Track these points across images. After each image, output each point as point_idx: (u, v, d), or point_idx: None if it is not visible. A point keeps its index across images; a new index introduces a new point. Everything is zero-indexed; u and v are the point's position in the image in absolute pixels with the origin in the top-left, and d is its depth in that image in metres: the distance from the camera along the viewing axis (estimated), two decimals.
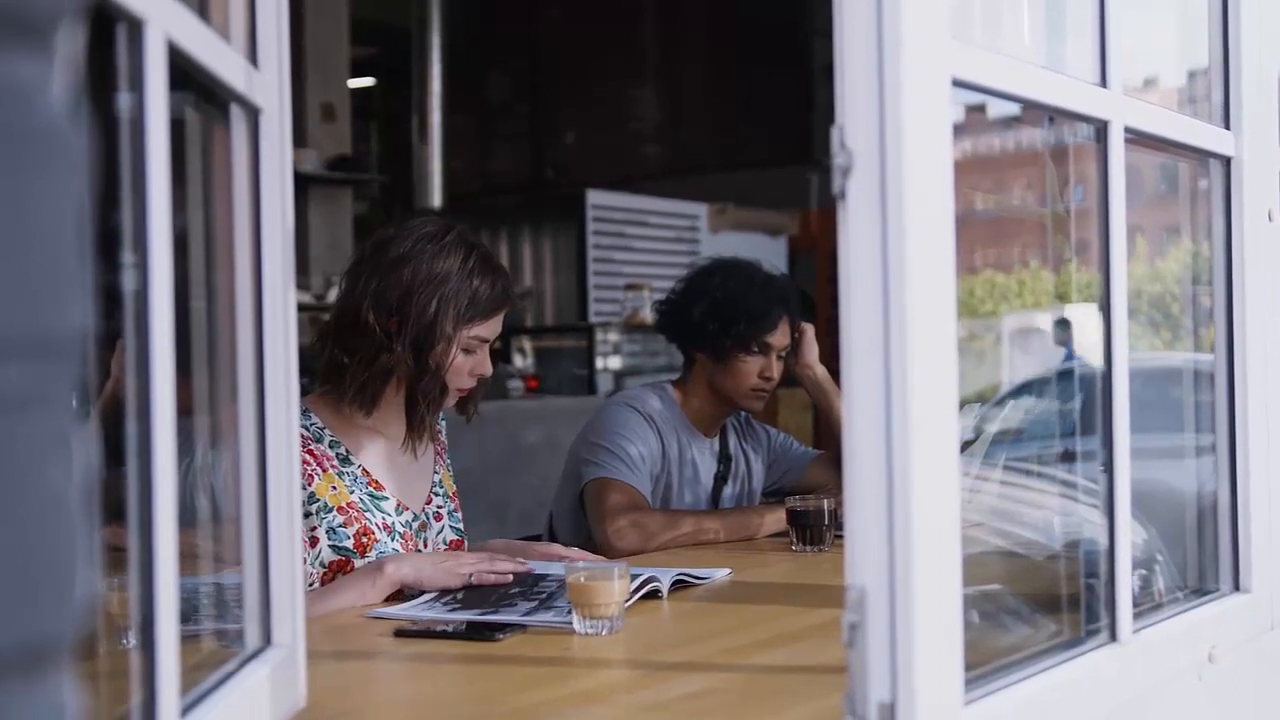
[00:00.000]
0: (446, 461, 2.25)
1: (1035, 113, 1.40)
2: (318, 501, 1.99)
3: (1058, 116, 1.40)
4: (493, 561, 1.93)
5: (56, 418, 0.57)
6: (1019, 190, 1.81)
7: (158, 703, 0.86)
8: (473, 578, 1.88)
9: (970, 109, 1.23)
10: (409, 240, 2.04)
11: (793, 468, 2.85)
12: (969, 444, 1.72)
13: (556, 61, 9.81)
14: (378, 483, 2.08)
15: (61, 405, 0.57)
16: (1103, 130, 1.34)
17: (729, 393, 2.66)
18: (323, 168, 7.10)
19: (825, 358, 2.66)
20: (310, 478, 1.99)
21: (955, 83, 1.07)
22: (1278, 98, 1.69)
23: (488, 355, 2.10)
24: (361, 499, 2.04)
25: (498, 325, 2.09)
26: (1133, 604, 1.35)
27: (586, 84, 9.63)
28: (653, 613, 1.83)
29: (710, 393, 2.69)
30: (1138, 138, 1.40)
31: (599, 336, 6.94)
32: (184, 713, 0.92)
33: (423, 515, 2.14)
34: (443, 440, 2.26)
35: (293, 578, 1.20)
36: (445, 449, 2.26)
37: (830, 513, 2.34)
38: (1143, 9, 1.56)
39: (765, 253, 6.38)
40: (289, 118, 1.21)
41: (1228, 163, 1.62)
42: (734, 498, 2.77)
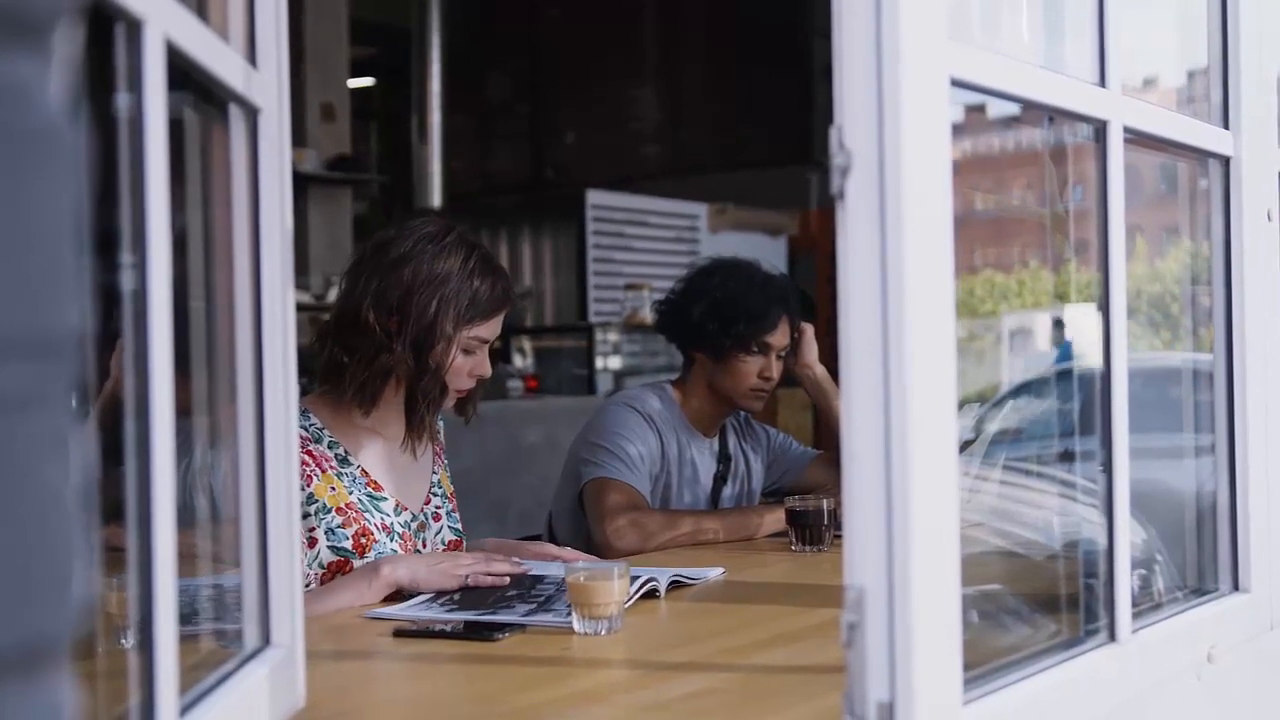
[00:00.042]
0: (445, 462, 2.25)
1: (1034, 113, 1.40)
2: (316, 502, 1.99)
3: (1057, 116, 1.40)
4: (489, 563, 1.93)
5: (55, 417, 0.57)
6: (1018, 190, 1.81)
7: (156, 702, 0.86)
8: (469, 579, 1.89)
9: (970, 109, 1.23)
10: (410, 240, 2.04)
11: (792, 468, 2.85)
12: (968, 444, 1.72)
13: (556, 61, 9.80)
14: (376, 483, 2.07)
15: (60, 405, 0.57)
16: (1102, 130, 1.34)
17: (728, 393, 2.66)
18: (322, 168, 7.09)
19: (825, 358, 2.66)
20: (309, 478, 1.99)
21: (954, 83, 1.07)
22: (1277, 98, 1.69)
23: (487, 356, 2.10)
24: (360, 499, 2.04)
25: (498, 326, 2.09)
26: (1132, 604, 1.35)
27: (586, 84, 9.62)
28: (652, 613, 1.83)
29: (710, 393, 2.69)
30: (1137, 138, 1.40)
31: (599, 336, 6.93)
32: (183, 712, 0.92)
33: (421, 516, 2.14)
34: (441, 441, 2.26)
35: (291, 578, 1.20)
36: (444, 449, 2.26)
37: (829, 513, 2.34)
38: (1142, 9, 1.56)
39: (765, 253, 6.38)
40: (288, 118, 1.21)
41: (1227, 163, 1.62)
42: (733, 498, 2.77)
